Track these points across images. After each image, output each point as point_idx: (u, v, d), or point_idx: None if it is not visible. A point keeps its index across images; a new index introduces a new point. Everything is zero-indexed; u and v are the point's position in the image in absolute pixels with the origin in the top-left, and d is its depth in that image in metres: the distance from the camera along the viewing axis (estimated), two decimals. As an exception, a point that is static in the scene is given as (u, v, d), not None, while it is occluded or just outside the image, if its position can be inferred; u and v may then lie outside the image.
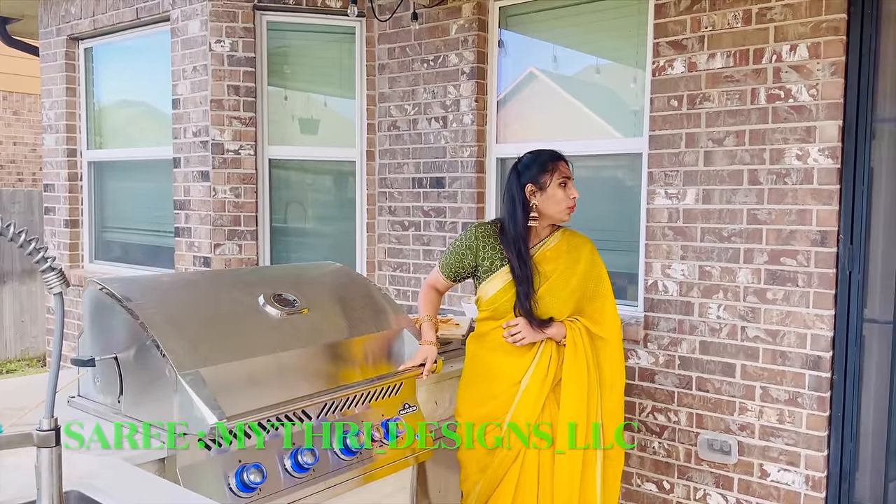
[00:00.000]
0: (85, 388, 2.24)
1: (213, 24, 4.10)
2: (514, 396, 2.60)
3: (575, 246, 2.69)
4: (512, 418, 2.60)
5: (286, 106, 4.36)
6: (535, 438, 2.57)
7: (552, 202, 2.59)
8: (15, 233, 1.18)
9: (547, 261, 2.64)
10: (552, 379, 2.61)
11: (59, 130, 5.15)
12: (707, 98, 3.13)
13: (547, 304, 2.61)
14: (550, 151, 2.66)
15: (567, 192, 2.60)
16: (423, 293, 2.85)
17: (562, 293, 2.63)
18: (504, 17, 3.91)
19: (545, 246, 2.66)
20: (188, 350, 2.02)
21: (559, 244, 2.68)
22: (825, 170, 2.88)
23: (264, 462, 2.07)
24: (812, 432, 2.97)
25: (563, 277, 2.64)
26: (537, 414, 2.59)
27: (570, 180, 2.63)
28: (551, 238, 2.68)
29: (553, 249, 2.66)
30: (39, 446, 1.26)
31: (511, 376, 2.62)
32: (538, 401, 2.58)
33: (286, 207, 4.42)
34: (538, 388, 2.59)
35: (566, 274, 2.65)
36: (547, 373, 2.60)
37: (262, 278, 2.62)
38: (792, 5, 2.91)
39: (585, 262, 2.68)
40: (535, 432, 2.57)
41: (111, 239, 5.18)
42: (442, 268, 2.78)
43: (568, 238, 2.71)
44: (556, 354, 2.63)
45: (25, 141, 10.31)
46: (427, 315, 2.76)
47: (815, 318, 2.93)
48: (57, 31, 5.10)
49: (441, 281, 2.81)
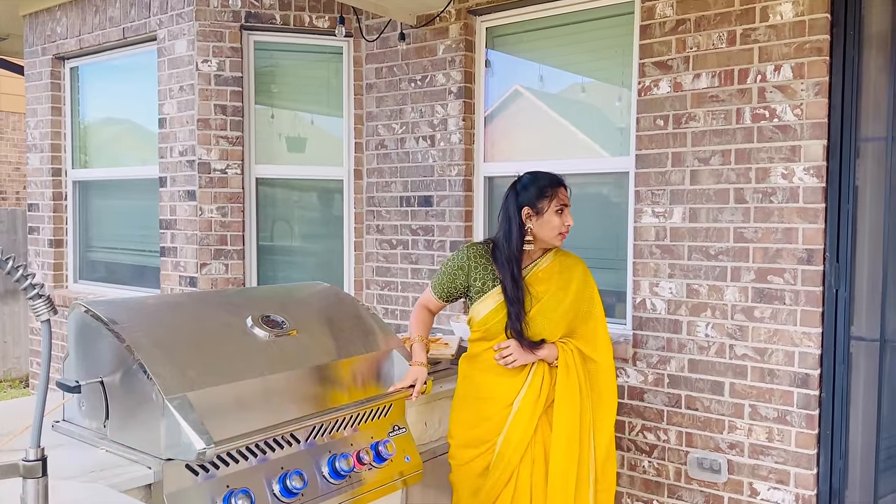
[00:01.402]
0: (70, 412, 2.21)
1: (200, 43, 4.10)
2: (506, 418, 2.58)
3: (567, 266, 2.68)
4: (504, 440, 2.58)
5: (273, 125, 4.36)
6: (527, 460, 2.56)
7: (547, 228, 2.58)
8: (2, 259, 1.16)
9: (539, 281, 2.63)
10: (545, 400, 2.59)
11: (44, 150, 5.12)
12: (693, 118, 3.16)
13: (539, 326, 2.59)
14: (550, 176, 2.63)
15: (563, 220, 2.59)
16: (414, 313, 2.82)
17: (553, 314, 2.61)
18: (491, 37, 3.93)
19: (537, 267, 2.65)
20: (175, 374, 1.99)
21: (551, 265, 2.66)
22: (811, 188, 2.91)
23: (252, 487, 2.04)
24: (801, 450, 2.97)
25: (556, 298, 2.62)
26: (529, 435, 2.57)
27: (567, 207, 2.61)
28: (543, 259, 2.67)
29: (545, 270, 2.65)
30: (25, 477, 1.23)
31: (503, 398, 2.60)
32: (531, 422, 2.57)
33: (273, 226, 4.40)
34: (530, 410, 2.57)
35: (558, 295, 2.63)
36: (539, 394, 2.59)
37: (250, 299, 2.60)
38: (776, 26, 2.95)
39: (578, 282, 2.67)
40: (527, 454, 2.56)
41: (96, 259, 5.13)
42: (434, 288, 2.76)
43: (560, 259, 2.69)
44: (548, 376, 2.61)
45: (9, 160, 10.23)
46: (418, 335, 2.74)
47: (802, 336, 2.95)
48: (42, 50, 5.08)
49: (433, 301, 2.80)
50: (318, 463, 2.26)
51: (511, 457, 2.56)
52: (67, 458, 1.98)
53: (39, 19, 5.10)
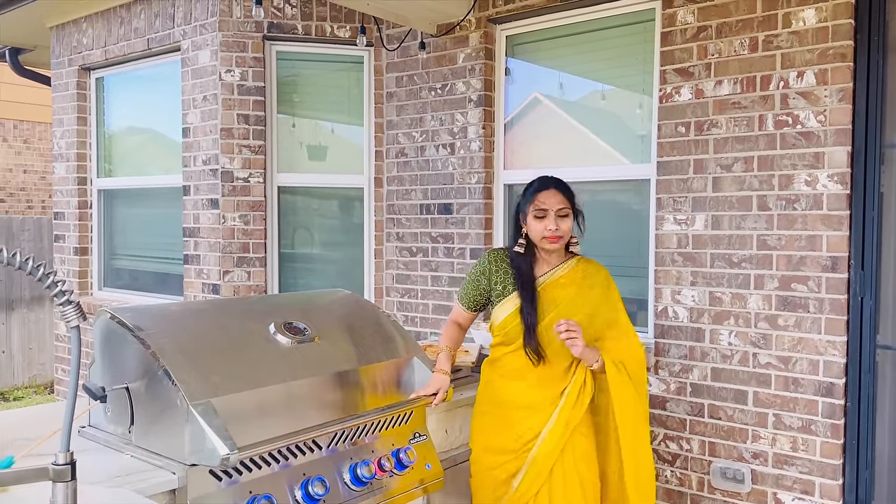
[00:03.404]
0: (95, 418, 2.24)
1: (223, 53, 4.15)
2: (536, 426, 2.54)
3: (589, 274, 2.65)
4: (537, 451, 2.54)
5: (295, 134, 4.40)
6: (558, 472, 2.53)
7: (533, 232, 2.59)
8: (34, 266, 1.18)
9: (559, 287, 2.62)
10: (581, 408, 2.55)
11: (69, 159, 5.20)
12: (715, 124, 3.14)
13: (553, 335, 2.55)
14: (540, 179, 2.63)
15: (544, 224, 2.54)
16: (445, 328, 2.83)
17: (574, 320, 2.58)
18: (511, 45, 3.95)
19: (558, 273, 2.64)
20: (199, 380, 2.01)
21: (573, 272, 2.64)
22: (834, 195, 2.88)
23: (274, 493, 2.06)
24: (826, 460, 2.93)
25: (575, 304, 2.59)
26: (563, 445, 2.53)
27: (549, 212, 2.54)
28: (564, 265, 2.65)
29: (566, 276, 2.63)
30: (55, 481, 1.25)
31: (530, 403, 2.57)
32: (566, 431, 2.53)
33: (294, 234, 4.43)
34: (565, 419, 2.53)
35: (578, 301, 2.60)
36: (576, 401, 2.54)
37: (273, 306, 2.62)
38: (798, 32, 2.94)
39: (601, 288, 2.63)
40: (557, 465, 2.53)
41: (120, 266, 5.20)
42: (461, 299, 2.78)
43: (584, 266, 2.67)
44: (589, 381, 2.57)
45: (35, 169, 10.40)
46: (447, 346, 2.73)
47: (827, 345, 2.91)
48: (69, 61, 5.17)
49: (462, 314, 2.79)
50: (339, 469, 2.27)
51: (541, 469, 2.53)
52: (93, 463, 2.00)
53: (66, 31, 5.19)
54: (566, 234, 2.58)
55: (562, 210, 2.56)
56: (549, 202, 2.56)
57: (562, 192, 2.59)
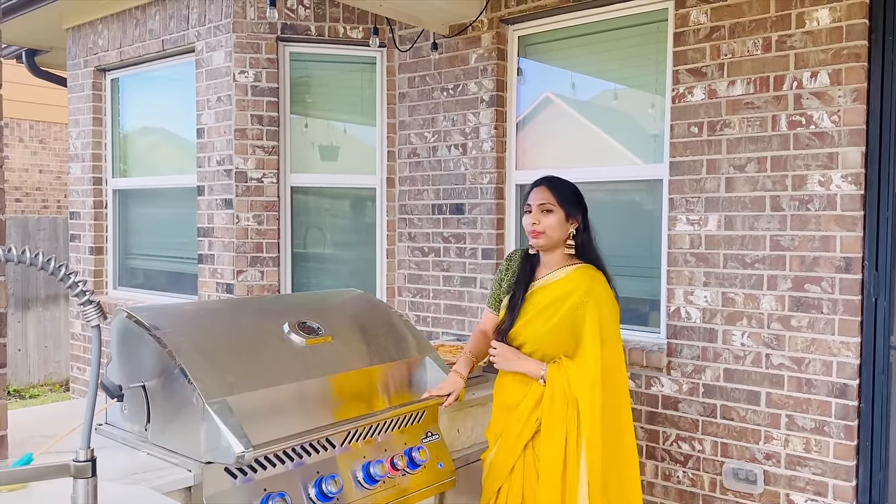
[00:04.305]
0: (112, 416, 2.26)
1: (237, 55, 4.18)
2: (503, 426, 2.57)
3: (573, 289, 2.48)
4: (492, 457, 2.56)
5: (307, 134, 4.42)
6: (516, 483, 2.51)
7: (525, 229, 2.58)
8: (55, 266, 1.20)
9: (542, 292, 2.54)
10: (534, 423, 2.47)
11: (85, 159, 5.25)
12: (728, 125, 3.14)
13: (524, 337, 2.52)
14: (538, 178, 2.61)
15: (528, 220, 2.52)
16: (472, 334, 2.83)
17: (541, 328, 2.49)
18: (523, 45, 3.95)
19: (550, 279, 2.55)
20: (215, 378, 2.03)
21: (563, 279, 2.52)
22: (848, 196, 2.87)
23: (289, 490, 2.08)
24: (840, 462, 2.92)
25: (547, 312, 2.49)
26: (514, 458, 2.49)
27: (533, 207, 2.51)
28: (560, 271, 2.54)
29: (555, 283, 2.53)
30: (76, 477, 1.27)
31: (513, 404, 2.56)
32: (517, 443, 2.49)
33: (307, 234, 4.46)
34: (517, 430, 2.49)
35: (550, 309, 2.48)
36: (528, 416, 2.48)
37: (286, 306, 2.65)
38: (812, 33, 2.93)
39: (574, 301, 2.45)
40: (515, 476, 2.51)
41: (135, 266, 5.24)
42: (488, 302, 2.79)
43: (577, 274, 2.51)
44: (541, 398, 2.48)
45: (51, 169, 10.50)
46: (470, 350, 2.72)
47: (840, 346, 2.90)
48: (84, 62, 5.22)
49: (488, 318, 2.76)
50: (353, 468, 2.28)
51: (495, 476, 2.54)
52: (111, 461, 2.03)
53: (82, 32, 5.24)
54: (548, 229, 2.49)
55: (544, 205, 2.50)
56: (534, 198, 2.54)
57: (550, 189, 2.52)
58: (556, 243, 2.53)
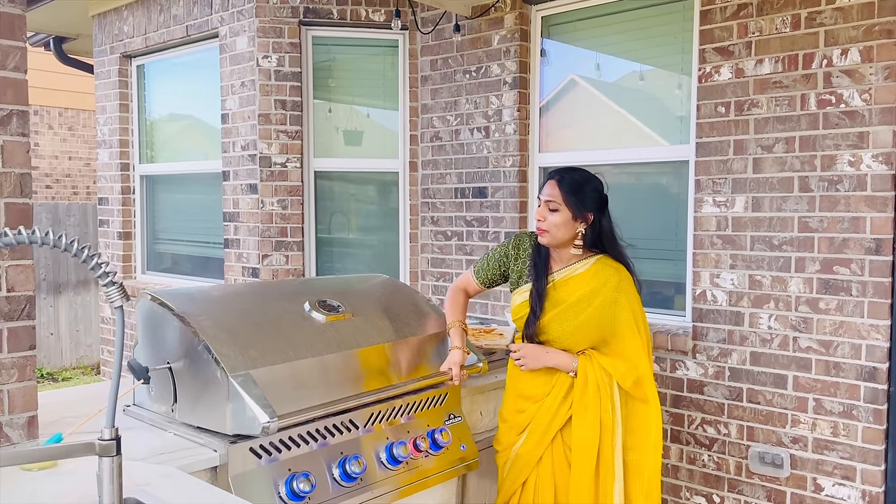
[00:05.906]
0: (140, 397, 2.30)
1: (260, 39, 4.19)
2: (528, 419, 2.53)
3: (602, 277, 2.46)
4: (520, 447, 2.52)
5: (330, 119, 4.43)
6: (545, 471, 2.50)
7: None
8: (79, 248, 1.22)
9: (566, 287, 2.49)
10: (565, 413, 2.47)
11: (112, 145, 5.32)
12: (755, 104, 3.08)
13: (554, 333, 2.48)
14: (556, 170, 2.56)
15: (538, 213, 2.49)
16: (451, 297, 2.71)
17: (569, 324, 2.46)
18: (546, 26, 3.91)
19: (572, 272, 2.51)
20: (238, 353, 2.06)
21: (586, 272, 2.49)
22: (879, 176, 2.81)
23: (313, 471, 2.10)
24: (868, 446, 2.88)
25: (576, 308, 2.45)
26: (543, 448, 2.48)
27: (541, 202, 2.48)
28: (580, 264, 2.50)
29: (578, 277, 2.49)
30: (101, 455, 1.30)
31: (533, 395, 2.54)
32: (545, 435, 2.48)
33: (331, 219, 4.48)
34: (547, 421, 2.48)
35: (579, 305, 2.45)
36: (559, 406, 2.47)
37: (310, 289, 2.66)
38: (843, 9, 2.86)
39: (605, 295, 2.43)
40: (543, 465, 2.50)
41: (162, 250, 5.31)
42: (476, 272, 2.72)
43: (600, 267, 2.48)
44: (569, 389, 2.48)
45: (80, 155, 10.65)
46: (456, 320, 2.63)
47: (870, 329, 2.86)
48: (111, 49, 5.27)
49: (472, 285, 2.73)
50: (376, 449, 2.30)
51: (522, 467, 2.52)
52: (138, 441, 2.07)
53: (107, 19, 5.29)
54: (552, 228, 2.44)
55: (550, 203, 2.45)
56: (544, 192, 2.50)
57: (559, 187, 2.45)
58: (562, 242, 2.48)
